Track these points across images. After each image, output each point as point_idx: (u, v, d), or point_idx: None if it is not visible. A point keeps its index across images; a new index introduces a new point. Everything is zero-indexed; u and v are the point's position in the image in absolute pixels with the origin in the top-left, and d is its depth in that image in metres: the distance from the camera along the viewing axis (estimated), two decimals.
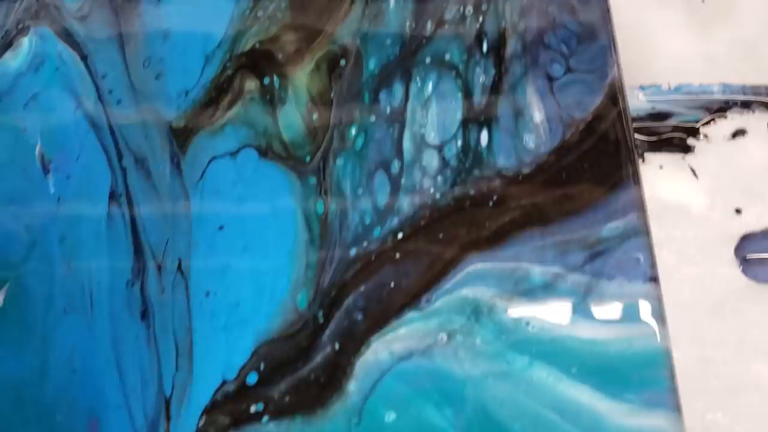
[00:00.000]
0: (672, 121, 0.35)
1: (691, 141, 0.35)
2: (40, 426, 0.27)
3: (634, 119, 0.35)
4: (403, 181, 0.30)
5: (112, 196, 0.29)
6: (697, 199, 0.34)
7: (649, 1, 0.38)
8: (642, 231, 0.30)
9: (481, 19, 0.34)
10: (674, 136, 0.34)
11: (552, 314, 0.27)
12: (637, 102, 0.35)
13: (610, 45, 0.34)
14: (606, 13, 0.35)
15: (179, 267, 0.28)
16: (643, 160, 0.34)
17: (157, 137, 0.30)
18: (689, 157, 0.34)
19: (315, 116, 0.31)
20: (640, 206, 0.31)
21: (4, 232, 0.29)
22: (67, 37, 0.32)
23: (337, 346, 0.27)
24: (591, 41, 0.34)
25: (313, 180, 0.30)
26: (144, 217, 0.29)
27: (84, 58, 0.32)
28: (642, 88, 0.36)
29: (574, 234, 0.30)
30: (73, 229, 0.29)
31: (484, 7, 0.34)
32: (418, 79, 0.32)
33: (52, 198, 0.29)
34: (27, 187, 0.30)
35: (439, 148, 0.31)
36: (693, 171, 0.35)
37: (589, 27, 0.34)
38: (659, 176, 0.34)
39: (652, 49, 0.36)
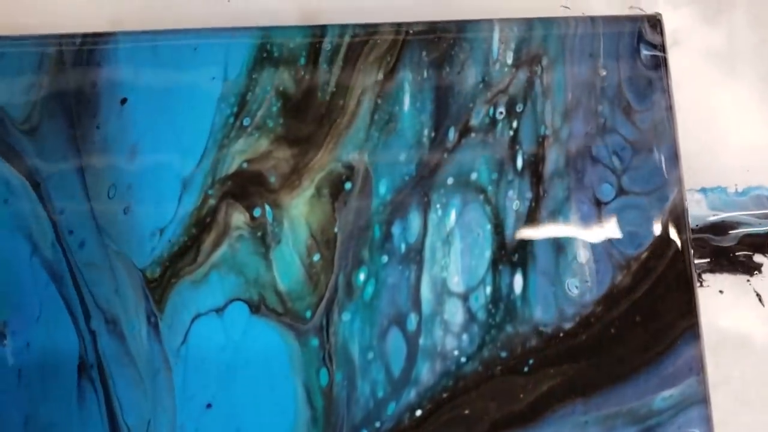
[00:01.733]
0: (737, 233, 0.30)
1: (758, 258, 0.29)
2: None
3: (692, 230, 0.30)
4: (421, 341, 0.26)
5: (82, 368, 0.25)
6: (762, 332, 0.30)
7: (712, 73, 0.31)
8: (701, 399, 0.26)
9: (515, 124, 0.28)
10: (739, 253, 0.29)
11: None
12: (696, 209, 0.30)
13: (674, 154, 0.28)
14: (668, 111, 0.29)
15: None
16: (701, 284, 0.29)
17: (130, 290, 0.26)
18: (755, 279, 0.29)
19: (316, 257, 0.26)
20: (698, 368, 0.26)
21: None
22: (15, 158, 0.27)
23: None
24: (649, 151, 0.28)
25: (315, 342, 0.26)
26: (120, 393, 0.25)
27: (36, 186, 0.26)
28: (703, 191, 0.30)
29: (622, 406, 0.26)
30: (36, 410, 0.25)
31: (519, 108, 0.28)
32: (438, 206, 0.27)
33: (11, 371, 0.25)
34: None
35: (464, 297, 0.26)
36: (759, 297, 0.30)
37: (648, 132, 0.28)
38: (719, 302, 0.30)
39: (716, 138, 0.31)
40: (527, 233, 0.29)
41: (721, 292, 0.32)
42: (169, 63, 0.30)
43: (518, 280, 0.29)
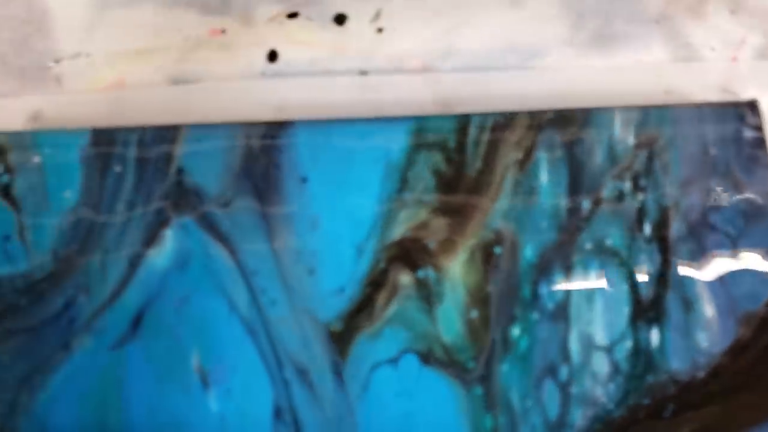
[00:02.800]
0: None
1: None
2: None
3: None
4: (572, 389, 0.30)
5: (277, 414, 0.29)
6: None
7: None
8: None
9: (640, 196, 0.32)
10: None
11: None
12: None
13: None
14: None
15: None
16: None
17: (317, 344, 0.30)
18: None
19: (474, 314, 0.31)
20: None
21: None
22: (211, 228, 0.32)
23: None
24: (760, 217, 0.32)
25: (478, 390, 0.30)
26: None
27: (232, 252, 0.31)
28: None
29: None
30: None
31: (643, 183, 0.32)
32: (579, 268, 0.31)
33: (214, 417, 0.29)
34: (187, 403, 0.30)
35: (608, 350, 0.30)
36: None
37: (758, 200, 0.33)
38: None
39: None
40: (660, 291, 0.33)
41: None
42: (340, 147, 0.35)
43: (655, 334, 0.33)
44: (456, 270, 0.34)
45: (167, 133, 0.36)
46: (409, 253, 0.34)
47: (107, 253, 0.34)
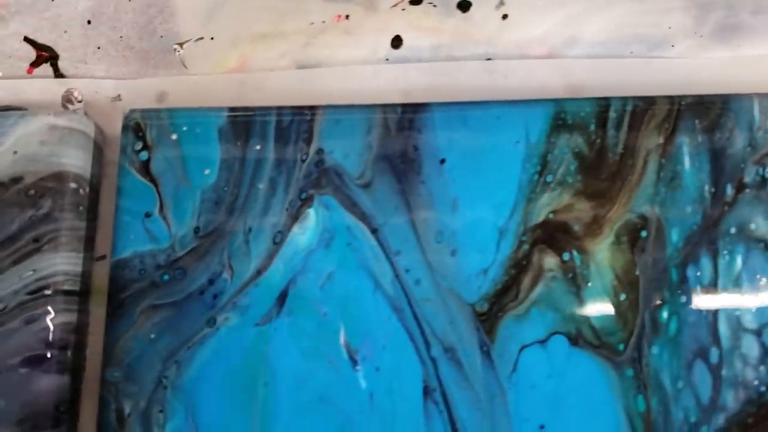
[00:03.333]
0: None
1: None
2: None
3: None
4: (723, 372, 0.29)
5: (426, 391, 0.29)
6: None
7: None
8: None
9: None
10: None
11: None
12: None
13: None
14: None
15: None
16: None
17: (463, 323, 0.30)
18: None
19: (622, 297, 0.30)
20: None
21: (319, 426, 0.29)
22: (353, 207, 0.32)
23: None
24: None
25: (629, 372, 0.30)
26: (462, 415, 0.29)
27: (374, 231, 0.31)
28: None
29: None
30: (389, 429, 0.29)
31: None
32: (725, 252, 0.31)
33: (363, 394, 0.29)
34: (335, 380, 0.30)
35: (758, 333, 0.30)
36: None
37: None
38: None
39: None
40: None
41: None
42: (477, 129, 0.36)
43: None
44: (602, 253, 0.34)
45: (305, 114, 0.36)
46: (554, 236, 0.35)
47: (250, 231, 0.35)
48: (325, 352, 0.33)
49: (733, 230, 0.35)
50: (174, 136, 0.36)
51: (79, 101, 0.41)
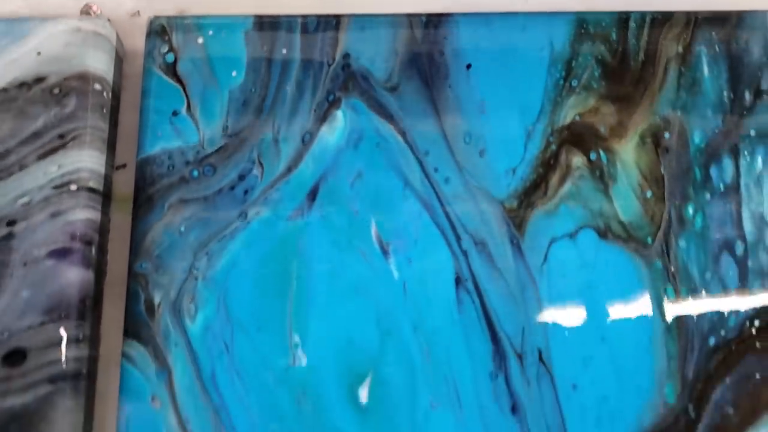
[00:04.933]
0: None
1: None
2: None
3: None
4: (749, 263, 0.31)
5: (458, 281, 0.30)
6: None
7: None
8: None
9: None
10: None
11: None
12: None
13: None
14: None
15: (540, 358, 0.29)
16: None
17: (493, 218, 0.31)
18: None
19: (649, 194, 0.32)
20: None
21: (357, 323, 0.30)
22: (381, 110, 0.33)
23: None
24: None
25: (658, 264, 0.31)
26: (494, 305, 0.30)
27: (402, 133, 0.32)
28: None
29: None
30: (423, 316, 0.30)
31: None
32: (746, 153, 0.33)
33: (396, 284, 0.30)
34: (368, 271, 0.31)
35: None
36: None
37: None
38: None
39: None
40: None
41: None
42: (502, 37, 0.37)
43: None
44: (628, 153, 0.36)
45: (331, 21, 0.38)
46: (581, 137, 0.36)
47: (279, 131, 0.35)
48: (357, 245, 0.34)
49: (752, 133, 0.37)
50: (200, 40, 0.37)
51: (98, 15, 0.41)
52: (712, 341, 0.33)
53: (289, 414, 0.31)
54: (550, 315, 0.33)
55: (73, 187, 0.35)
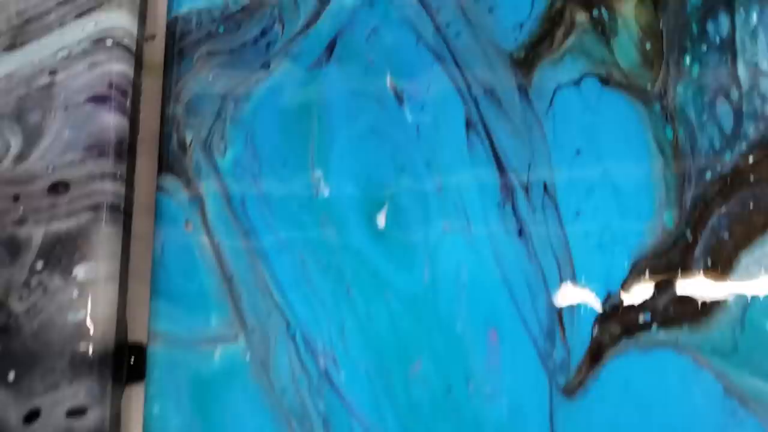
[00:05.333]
0: None
1: None
2: (442, 334, 0.30)
3: None
4: (744, 107, 0.33)
5: (468, 124, 0.33)
6: None
7: None
8: None
9: None
10: None
11: None
12: None
13: None
14: None
15: (545, 189, 0.31)
16: None
17: (502, 69, 0.34)
18: None
19: (648, 46, 0.34)
20: None
21: (374, 160, 0.32)
22: None
23: (710, 262, 0.30)
24: None
25: (657, 107, 0.33)
26: (502, 143, 0.33)
27: None
28: None
29: None
30: (436, 154, 0.32)
31: None
32: (741, 9, 0.35)
33: (410, 127, 0.33)
34: (384, 115, 0.33)
35: None
36: None
37: None
38: None
39: None
40: None
41: None
42: None
43: None
44: (629, 10, 0.38)
45: None
46: None
47: None
48: (373, 91, 0.36)
49: None
50: None
51: None
52: (708, 175, 0.35)
53: (314, 237, 0.34)
54: (555, 152, 0.36)
55: (109, 42, 0.37)
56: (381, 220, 0.35)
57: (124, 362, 0.34)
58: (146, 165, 0.38)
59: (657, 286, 0.34)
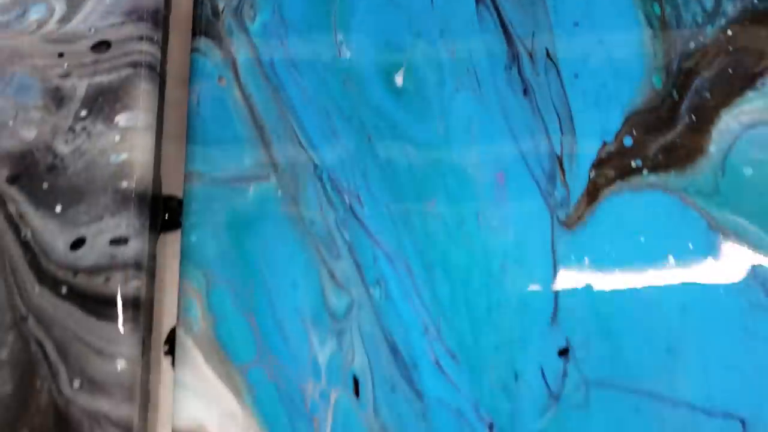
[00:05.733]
0: None
1: None
2: (454, 177, 0.34)
3: None
4: None
5: (478, 1, 0.36)
6: None
7: None
8: None
9: None
10: None
11: None
12: None
13: None
14: None
15: (548, 55, 0.35)
16: None
17: None
18: None
19: None
20: None
21: (392, 26, 0.36)
22: None
23: (693, 118, 0.34)
24: None
25: None
26: (509, 15, 0.36)
27: None
28: None
29: None
30: (449, 24, 0.36)
31: None
32: None
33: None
34: None
35: None
36: None
37: None
38: None
39: None
40: None
41: None
42: None
43: None
44: None
45: None
46: None
47: None
48: None
49: None
50: None
51: None
52: (692, 45, 0.39)
53: (337, 93, 0.37)
54: (556, 25, 0.39)
55: None
56: (399, 80, 0.38)
57: (160, 207, 0.37)
58: (177, 40, 0.41)
59: (647, 137, 0.37)
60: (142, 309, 0.34)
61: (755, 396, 0.33)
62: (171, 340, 0.36)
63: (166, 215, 0.39)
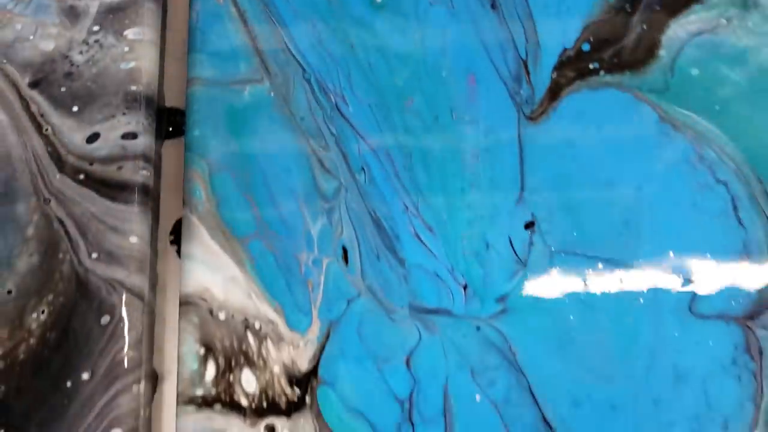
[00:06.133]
0: None
1: None
2: (430, 78, 0.38)
3: None
4: None
5: None
6: None
7: None
8: None
9: None
10: None
11: None
12: None
13: None
14: None
15: None
16: None
17: None
18: None
19: None
20: None
21: None
22: None
23: (645, 27, 0.38)
24: None
25: None
26: None
27: None
28: None
29: None
30: None
31: None
32: None
33: None
34: None
35: None
36: None
37: None
38: None
39: None
40: None
41: None
42: None
43: None
44: None
45: None
46: None
47: None
48: None
49: None
50: None
51: None
52: None
53: (323, 7, 0.41)
54: None
55: None
56: None
57: (164, 115, 0.41)
58: None
59: (604, 42, 0.42)
60: (150, 195, 0.38)
61: (702, 260, 0.37)
62: (176, 231, 0.40)
63: (170, 128, 0.43)
